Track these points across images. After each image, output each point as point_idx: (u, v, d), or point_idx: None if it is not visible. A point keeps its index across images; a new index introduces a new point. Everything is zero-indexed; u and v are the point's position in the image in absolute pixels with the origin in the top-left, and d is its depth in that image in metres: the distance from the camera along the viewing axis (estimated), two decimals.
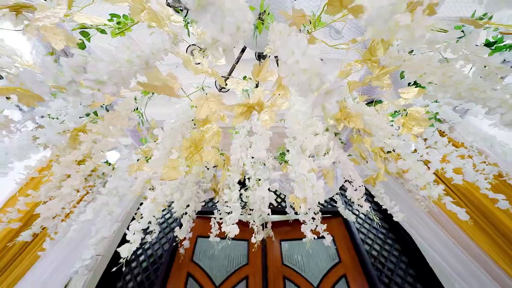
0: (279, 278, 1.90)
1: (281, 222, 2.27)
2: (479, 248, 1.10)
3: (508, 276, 1.00)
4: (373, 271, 1.68)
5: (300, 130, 0.60)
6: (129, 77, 0.36)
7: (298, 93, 0.28)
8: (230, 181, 0.83)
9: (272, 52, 0.56)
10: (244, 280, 1.87)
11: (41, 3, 0.47)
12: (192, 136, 0.78)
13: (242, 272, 1.92)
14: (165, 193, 0.71)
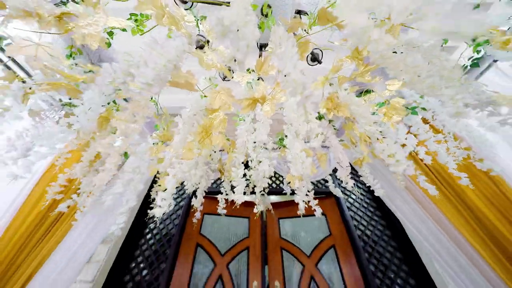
0: (277, 249, 2.16)
1: (280, 203, 2.51)
2: (447, 220, 1.29)
3: (467, 241, 1.20)
4: (358, 242, 1.92)
5: (295, 118, 0.73)
6: (166, 78, 0.48)
7: (289, 94, 0.41)
8: (236, 161, 0.98)
9: (272, 52, 0.67)
10: (246, 250, 2.13)
11: (83, 11, 0.56)
12: (203, 123, 0.91)
13: (243, 243, 2.18)
14: (183, 170, 0.86)
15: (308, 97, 0.39)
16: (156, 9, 0.61)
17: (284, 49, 0.47)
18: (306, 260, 2.09)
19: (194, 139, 0.89)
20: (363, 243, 1.97)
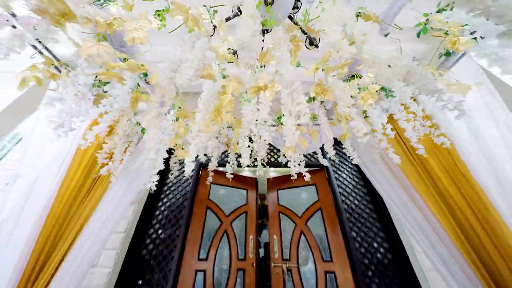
0: (276, 213, 2.58)
1: (279, 177, 2.89)
2: (413, 187, 1.59)
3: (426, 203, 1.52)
4: (341, 205, 2.30)
5: (289, 101, 0.96)
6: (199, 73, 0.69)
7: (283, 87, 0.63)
8: (242, 134, 1.23)
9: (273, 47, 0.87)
10: (244, 213, 2.55)
11: (130, 16, 0.74)
12: (216, 103, 1.14)
13: (242, 209, 2.61)
14: (202, 141, 1.12)
15: (295, 90, 0.60)
16: (184, 15, 0.79)
17: (281, 53, 0.68)
18: (298, 219, 2.51)
19: (209, 117, 1.13)
20: (346, 205, 2.36)
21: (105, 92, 1.31)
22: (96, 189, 1.55)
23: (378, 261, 2.01)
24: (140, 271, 1.95)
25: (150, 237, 2.12)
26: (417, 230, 1.50)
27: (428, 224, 1.44)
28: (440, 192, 1.47)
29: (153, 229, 2.17)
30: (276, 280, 2.10)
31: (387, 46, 0.81)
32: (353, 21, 0.64)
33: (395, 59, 0.76)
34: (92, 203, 1.54)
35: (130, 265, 1.96)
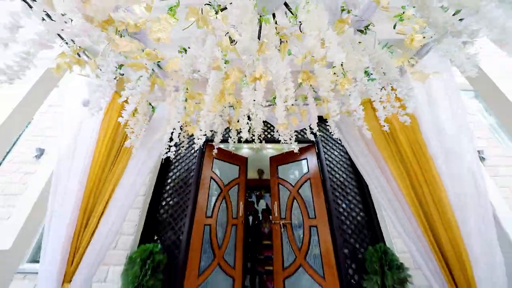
0: (275, 184, 3.02)
1: (278, 155, 3.29)
2: (381, 156, 1.92)
3: (391, 171, 1.86)
4: (327, 175, 2.68)
5: (280, 85, 1.21)
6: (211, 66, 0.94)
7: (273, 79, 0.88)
8: (241, 113, 1.50)
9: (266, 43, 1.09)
10: (237, 185, 3.01)
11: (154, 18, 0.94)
12: (221, 87, 1.38)
13: (236, 181, 3.07)
14: (210, 119, 1.39)
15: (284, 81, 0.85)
16: (196, 16, 0.99)
17: (271, 52, 0.90)
18: (291, 188, 2.95)
19: (215, 98, 1.38)
20: (332, 182, 2.74)
21: (122, 75, 1.53)
22: (121, 158, 1.87)
23: (354, 218, 2.47)
24: (158, 226, 2.40)
25: (165, 199, 2.53)
26: (382, 193, 1.87)
27: (391, 188, 1.80)
28: (403, 161, 1.81)
29: (166, 194, 2.58)
30: (275, 233, 2.75)
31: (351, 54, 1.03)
32: (325, 29, 0.86)
33: (356, 61, 1.00)
34: (119, 170, 1.87)
35: (150, 222, 2.40)
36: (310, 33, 0.89)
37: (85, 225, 1.63)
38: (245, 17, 0.86)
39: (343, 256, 2.21)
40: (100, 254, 1.61)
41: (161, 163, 2.66)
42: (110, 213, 1.71)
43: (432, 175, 1.58)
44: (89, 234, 1.59)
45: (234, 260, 2.67)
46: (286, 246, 2.69)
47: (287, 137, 1.88)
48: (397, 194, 1.73)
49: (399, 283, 1.72)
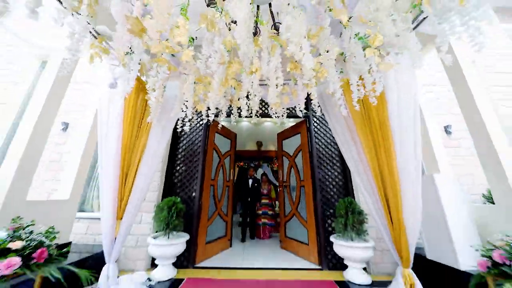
0: (280, 156, 3.61)
1: (282, 132, 3.77)
2: (355, 129, 2.32)
3: (361, 142, 2.29)
4: (314, 145, 3.15)
5: (271, 75, 1.55)
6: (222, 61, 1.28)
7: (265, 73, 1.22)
8: (241, 94, 1.86)
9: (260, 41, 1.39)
10: (229, 156, 3.66)
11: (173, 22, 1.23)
12: (225, 73, 1.72)
13: (228, 153, 3.73)
14: (216, 97, 1.76)
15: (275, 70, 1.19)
16: (207, 22, 1.27)
17: (264, 53, 1.22)
18: (290, 158, 3.50)
19: (221, 83, 1.73)
20: (318, 151, 3.21)
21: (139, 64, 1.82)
22: (143, 131, 2.29)
23: (333, 180, 3.04)
24: (173, 186, 2.99)
25: (179, 165, 3.07)
26: (351, 161, 2.32)
27: (358, 156, 2.26)
28: (372, 134, 2.22)
29: (179, 161, 3.10)
30: (280, 193, 3.74)
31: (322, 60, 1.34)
32: (303, 37, 1.17)
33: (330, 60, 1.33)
34: (144, 139, 2.30)
35: (168, 182, 2.98)
36: (292, 39, 1.21)
37: (124, 182, 2.16)
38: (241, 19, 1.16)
39: (320, 206, 2.86)
40: (137, 203, 2.17)
41: (171, 136, 3.09)
42: (141, 173, 2.22)
43: (390, 147, 2.03)
44: (129, 188, 2.13)
45: (227, 210, 3.58)
46: (286, 201, 3.58)
47: (279, 114, 2.28)
48: (363, 160, 2.20)
49: (358, 223, 2.36)
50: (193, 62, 1.62)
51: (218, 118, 2.29)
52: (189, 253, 2.70)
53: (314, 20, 1.44)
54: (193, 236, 2.76)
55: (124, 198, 2.11)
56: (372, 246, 2.31)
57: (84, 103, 3.33)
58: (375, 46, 1.47)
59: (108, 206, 1.99)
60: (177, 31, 1.26)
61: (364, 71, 1.64)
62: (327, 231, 2.79)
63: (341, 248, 2.39)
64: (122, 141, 2.12)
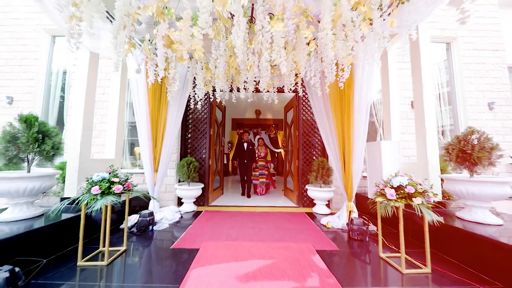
0: (285, 125, 4.27)
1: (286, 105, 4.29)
2: (330, 107, 2.97)
3: (333, 117, 2.97)
4: (301, 117, 3.83)
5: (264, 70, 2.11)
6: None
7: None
8: (241, 79, 2.44)
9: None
10: (222, 126, 4.32)
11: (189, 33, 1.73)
12: (229, 62, 2.27)
13: (221, 124, 4.30)
14: (222, 80, 2.36)
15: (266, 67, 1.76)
16: (215, 31, 1.78)
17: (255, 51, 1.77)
18: (288, 128, 4.24)
19: (225, 72, 2.30)
20: (304, 123, 3.89)
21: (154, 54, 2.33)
22: (163, 106, 2.94)
23: (313, 145, 3.84)
24: (187, 149, 3.80)
25: (189, 133, 3.81)
26: (323, 130, 3.06)
27: (329, 126, 2.98)
28: (342, 108, 2.89)
29: (189, 129, 3.83)
30: (285, 155, 4.61)
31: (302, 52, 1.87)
32: (282, 49, 1.71)
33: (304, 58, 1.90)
34: (164, 112, 2.98)
35: (183, 146, 3.78)
36: (274, 48, 1.76)
37: (155, 144, 2.94)
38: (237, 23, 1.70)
39: (301, 164, 3.75)
40: (166, 160, 3.00)
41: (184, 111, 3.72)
42: (166, 137, 2.98)
43: (350, 122, 2.74)
44: (159, 149, 2.92)
45: (220, 167, 4.65)
46: (286, 161, 4.58)
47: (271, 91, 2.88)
48: (332, 130, 2.94)
49: (326, 175, 3.28)
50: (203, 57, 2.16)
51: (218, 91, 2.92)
52: (204, 196, 3.72)
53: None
54: (206, 184, 3.73)
55: (157, 156, 2.93)
56: (333, 190, 3.28)
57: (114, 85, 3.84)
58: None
59: (147, 163, 2.82)
60: (193, 41, 1.79)
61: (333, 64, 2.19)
62: (305, 182, 3.76)
63: (313, 192, 3.38)
64: (150, 115, 2.80)
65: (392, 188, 1.70)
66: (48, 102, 4.09)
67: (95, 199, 1.67)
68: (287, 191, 4.51)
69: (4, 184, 1.78)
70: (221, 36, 1.86)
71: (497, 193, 1.84)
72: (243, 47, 1.71)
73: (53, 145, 2.05)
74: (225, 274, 1.55)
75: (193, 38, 1.77)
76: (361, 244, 2.21)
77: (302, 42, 1.90)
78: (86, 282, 1.47)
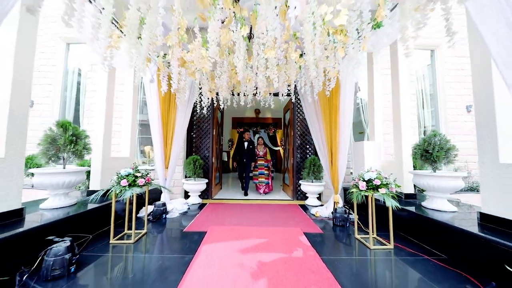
0: (285, 125, 4.59)
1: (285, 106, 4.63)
2: (320, 111, 3.36)
3: (323, 120, 3.35)
4: (296, 118, 4.22)
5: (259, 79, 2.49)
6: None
7: None
8: (242, 89, 2.83)
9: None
10: (220, 126, 4.64)
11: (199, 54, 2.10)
12: (231, 75, 2.65)
13: (219, 124, 4.59)
14: (225, 91, 2.74)
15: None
16: (220, 52, 2.15)
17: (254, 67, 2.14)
18: (286, 128, 4.59)
19: (227, 83, 2.68)
20: (298, 123, 4.28)
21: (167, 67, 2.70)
22: (171, 108, 3.32)
23: (305, 144, 4.23)
24: (192, 148, 4.20)
25: (194, 132, 4.20)
26: (314, 131, 3.45)
27: (319, 133, 3.37)
28: (330, 112, 3.27)
29: (194, 129, 4.22)
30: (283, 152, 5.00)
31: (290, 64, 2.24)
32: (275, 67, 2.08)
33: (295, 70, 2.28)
34: (173, 115, 3.37)
35: (189, 145, 4.18)
36: (268, 66, 2.14)
37: (165, 143, 3.34)
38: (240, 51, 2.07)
39: (296, 162, 4.15)
40: (175, 158, 3.40)
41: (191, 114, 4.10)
42: (175, 137, 3.37)
43: (337, 124, 3.12)
44: (169, 148, 3.32)
45: (219, 164, 5.05)
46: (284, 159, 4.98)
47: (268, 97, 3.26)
48: (321, 131, 3.33)
49: (317, 172, 3.68)
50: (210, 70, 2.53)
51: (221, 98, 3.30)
52: (207, 190, 4.13)
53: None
54: (210, 180, 4.14)
55: (167, 155, 3.33)
56: (323, 184, 3.69)
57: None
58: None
59: (159, 159, 3.22)
60: (202, 60, 2.17)
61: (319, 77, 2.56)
62: (300, 178, 4.17)
63: (305, 187, 3.79)
64: (161, 114, 3.19)
65: (364, 181, 2.11)
66: (64, 104, 4.47)
67: (124, 190, 2.08)
68: (284, 186, 4.93)
69: (49, 178, 2.18)
70: (225, 55, 2.23)
71: (451, 186, 2.24)
72: (243, 66, 2.09)
73: (84, 146, 2.44)
74: (229, 249, 1.96)
75: (203, 58, 2.15)
76: (342, 229, 2.62)
77: (292, 61, 2.28)
78: (120, 254, 1.88)
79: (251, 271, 1.59)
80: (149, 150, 4.43)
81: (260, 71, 2.10)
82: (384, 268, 1.74)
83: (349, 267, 1.71)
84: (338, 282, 1.46)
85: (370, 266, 1.75)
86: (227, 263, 1.70)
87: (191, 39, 2.11)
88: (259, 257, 1.80)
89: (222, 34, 1.77)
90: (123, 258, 1.81)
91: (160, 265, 1.69)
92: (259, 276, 1.52)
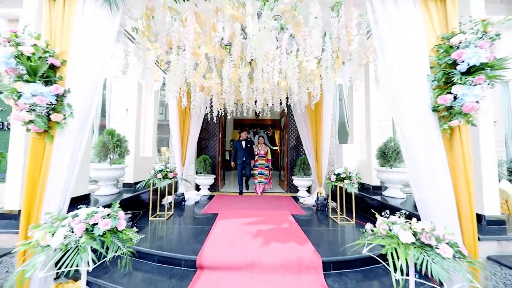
0: (284, 129, 5.36)
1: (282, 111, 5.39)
2: (308, 121, 4.13)
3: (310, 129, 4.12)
4: (290, 125, 4.99)
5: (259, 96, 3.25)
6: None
7: None
8: (244, 101, 3.59)
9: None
10: (223, 128, 5.35)
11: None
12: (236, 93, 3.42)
13: (222, 128, 5.36)
14: (230, 102, 3.51)
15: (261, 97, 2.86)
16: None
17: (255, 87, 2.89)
18: (282, 131, 5.35)
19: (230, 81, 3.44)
20: (292, 128, 5.04)
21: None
22: (186, 117, 4.09)
23: (297, 146, 5.00)
24: (201, 149, 4.98)
25: (202, 135, 4.98)
26: (303, 136, 4.22)
27: (307, 133, 4.13)
28: (316, 121, 4.03)
29: (202, 134, 4.99)
30: (280, 152, 5.43)
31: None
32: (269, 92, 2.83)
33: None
34: (189, 121, 4.14)
35: (198, 143, 4.96)
36: (265, 90, 2.90)
37: (181, 145, 4.11)
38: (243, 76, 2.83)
39: (289, 161, 4.93)
40: (190, 157, 4.18)
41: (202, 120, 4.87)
42: (190, 140, 4.15)
43: (321, 130, 3.89)
44: (185, 149, 4.10)
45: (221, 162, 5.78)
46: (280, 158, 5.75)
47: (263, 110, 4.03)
48: (309, 136, 4.10)
49: (307, 169, 4.46)
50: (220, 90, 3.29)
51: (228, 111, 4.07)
52: (215, 184, 4.92)
53: None
54: (217, 176, 4.92)
55: (183, 154, 4.11)
56: (311, 179, 4.48)
57: None
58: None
59: (178, 159, 4.00)
60: (216, 86, 2.93)
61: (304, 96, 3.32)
62: (292, 174, 4.94)
63: (297, 181, 4.57)
64: (179, 121, 3.96)
65: (334, 175, 2.89)
66: None
67: (160, 181, 2.86)
68: (280, 182, 5.71)
69: (103, 172, 2.97)
70: (232, 82, 2.99)
71: (401, 178, 3.02)
72: (246, 91, 2.85)
73: (125, 149, 3.22)
74: (236, 223, 2.75)
75: (217, 84, 2.91)
76: (322, 212, 3.41)
77: (282, 88, 3.04)
78: (159, 226, 2.67)
79: (252, 234, 2.38)
80: (165, 150, 5.19)
81: (259, 92, 2.86)
82: (342, 233, 2.53)
83: (319, 233, 2.50)
84: (309, 239, 2.24)
85: (332, 233, 2.53)
86: (235, 229, 2.49)
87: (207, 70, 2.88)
88: (258, 227, 2.59)
89: (231, 74, 2.53)
90: (164, 228, 2.60)
91: (190, 232, 2.47)
92: (257, 236, 2.31)
